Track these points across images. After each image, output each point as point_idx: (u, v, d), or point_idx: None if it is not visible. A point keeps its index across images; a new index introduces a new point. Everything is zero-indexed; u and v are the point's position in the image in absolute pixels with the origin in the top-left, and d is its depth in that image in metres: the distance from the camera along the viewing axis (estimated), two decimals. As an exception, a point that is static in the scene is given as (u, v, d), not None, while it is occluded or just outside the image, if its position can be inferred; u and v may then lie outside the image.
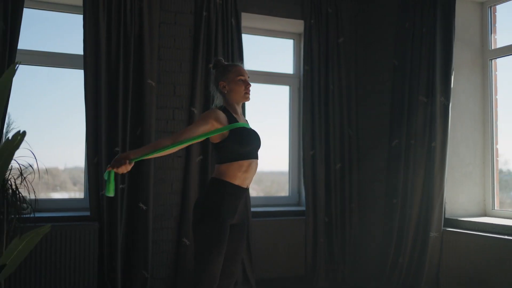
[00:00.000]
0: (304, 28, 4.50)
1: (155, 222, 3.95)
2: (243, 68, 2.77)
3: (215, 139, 2.62)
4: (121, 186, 3.78)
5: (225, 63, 2.80)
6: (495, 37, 4.03)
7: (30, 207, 2.47)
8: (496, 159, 3.95)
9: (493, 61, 3.99)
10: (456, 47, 3.84)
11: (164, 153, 2.53)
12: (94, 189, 3.77)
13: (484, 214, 3.90)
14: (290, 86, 4.83)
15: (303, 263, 4.38)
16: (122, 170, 2.34)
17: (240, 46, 4.23)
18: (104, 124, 3.77)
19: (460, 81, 3.92)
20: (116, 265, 3.71)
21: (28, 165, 2.34)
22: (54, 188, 4.21)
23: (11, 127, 3.41)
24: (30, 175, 2.67)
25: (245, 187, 2.67)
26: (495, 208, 3.87)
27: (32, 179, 2.45)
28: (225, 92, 2.74)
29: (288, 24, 4.62)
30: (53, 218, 3.63)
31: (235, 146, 2.59)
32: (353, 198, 4.55)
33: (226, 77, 2.72)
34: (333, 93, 4.53)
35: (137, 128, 3.89)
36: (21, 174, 2.45)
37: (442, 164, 3.65)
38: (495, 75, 4.01)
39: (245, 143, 2.60)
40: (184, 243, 3.95)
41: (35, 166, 3.00)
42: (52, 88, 4.20)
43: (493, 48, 3.97)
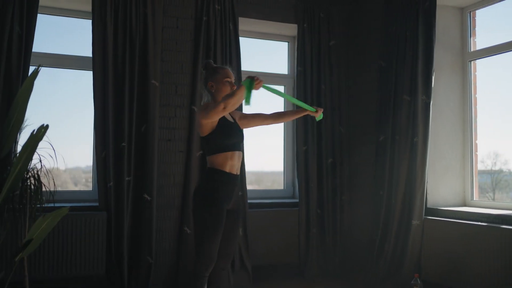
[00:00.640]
0: (298, 32, 4.80)
1: (159, 212, 4.25)
2: (230, 71, 3.08)
3: (205, 132, 2.92)
4: (127, 179, 4.08)
5: (214, 65, 3.11)
6: (475, 40, 4.33)
7: (51, 195, 2.76)
8: (475, 154, 4.25)
9: (473, 63, 4.30)
10: (438, 50, 4.15)
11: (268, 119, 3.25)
12: (102, 181, 4.06)
13: (464, 204, 4.20)
14: (285, 86, 5.13)
15: (297, 251, 4.68)
16: (260, 84, 2.74)
17: (238, 49, 4.53)
18: (111, 121, 4.07)
19: (442, 81, 4.22)
20: (123, 251, 4.01)
21: (49, 156, 2.64)
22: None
23: (25, 124, 3.72)
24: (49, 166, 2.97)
25: (235, 174, 2.98)
26: (474, 199, 4.17)
27: (51, 169, 2.75)
28: (213, 91, 3.05)
29: (283, 28, 4.92)
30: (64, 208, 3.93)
31: (220, 139, 2.91)
32: (344, 191, 4.85)
33: (215, 78, 3.03)
34: (325, 93, 4.84)
35: (142, 125, 4.19)
36: (41, 164, 2.74)
37: (424, 158, 3.96)
38: (475, 76, 4.31)
39: (228, 136, 2.93)
40: (186, 232, 4.25)
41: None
42: (53, 89, 4.49)
43: (472, 50, 4.27)
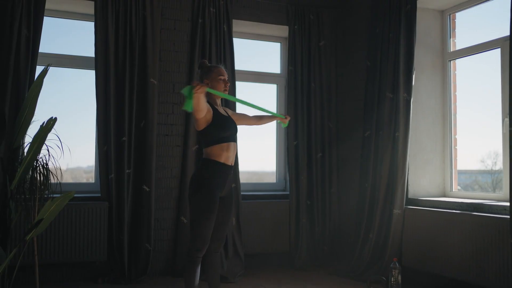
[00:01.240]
0: (289, 33, 5.07)
1: (157, 203, 4.53)
2: (223, 69, 3.35)
3: (201, 126, 3.19)
4: (127, 171, 4.35)
5: (209, 65, 3.38)
6: (455, 41, 4.60)
7: (58, 184, 3.03)
8: (455, 148, 4.52)
9: (452, 62, 4.57)
10: (419, 50, 4.43)
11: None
12: (104, 173, 4.33)
13: (444, 195, 4.47)
14: (277, 85, 5.40)
15: (287, 240, 4.95)
16: (201, 90, 2.77)
17: (231, 49, 4.80)
18: (113, 117, 4.34)
19: (423, 80, 4.49)
20: (123, 239, 4.28)
21: (56, 146, 2.90)
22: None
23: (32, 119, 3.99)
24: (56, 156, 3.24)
25: (230, 164, 3.24)
26: (453, 190, 4.45)
27: (58, 158, 3.02)
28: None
29: (275, 29, 5.19)
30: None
31: (216, 132, 3.17)
32: (332, 183, 5.13)
33: (209, 76, 3.30)
34: (315, 91, 5.11)
35: (141, 121, 4.47)
36: (49, 155, 3.01)
37: (404, 151, 4.23)
38: (454, 74, 4.58)
39: (224, 129, 3.19)
40: (182, 221, 4.53)
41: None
42: (57, 88, 4.76)
43: (452, 51, 4.54)
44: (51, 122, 2.66)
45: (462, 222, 3.68)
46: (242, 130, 4.12)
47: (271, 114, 3.61)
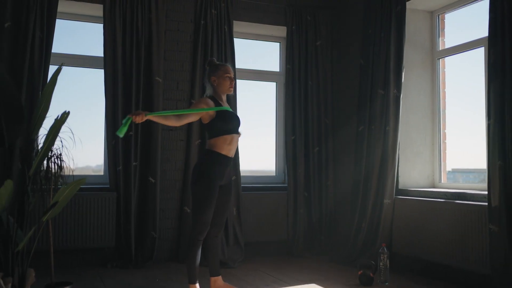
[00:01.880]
0: (287, 33, 5.34)
1: (162, 193, 4.81)
2: (230, 68, 3.62)
3: (205, 120, 3.47)
4: (134, 163, 4.64)
5: (217, 63, 3.64)
6: (444, 40, 4.85)
7: (71, 171, 3.31)
8: (444, 141, 4.77)
9: (441, 60, 4.81)
10: (409, 49, 4.68)
11: (168, 122, 3.26)
12: (113, 166, 4.62)
13: (433, 186, 4.73)
14: (277, 82, 5.66)
15: (285, 230, 5.22)
16: (137, 120, 3.04)
17: (232, 49, 5.07)
18: (121, 113, 4.62)
19: (413, 77, 4.74)
20: (130, 227, 4.57)
21: (69, 138, 3.19)
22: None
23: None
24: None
25: (230, 156, 3.52)
26: (442, 182, 4.70)
27: (71, 148, 3.31)
28: (215, 85, 3.59)
29: (274, 30, 5.46)
30: (80, 188, 4.48)
31: (220, 124, 3.44)
32: (328, 176, 5.39)
33: (217, 74, 3.57)
34: (312, 88, 5.37)
35: (147, 116, 4.75)
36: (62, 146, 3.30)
37: (394, 144, 4.49)
38: (444, 72, 4.83)
39: (228, 122, 3.46)
40: (186, 211, 4.80)
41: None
42: (68, 86, 5.06)
43: (441, 49, 4.79)
44: (65, 115, 2.95)
45: (447, 210, 3.93)
46: (246, 130, 4.41)
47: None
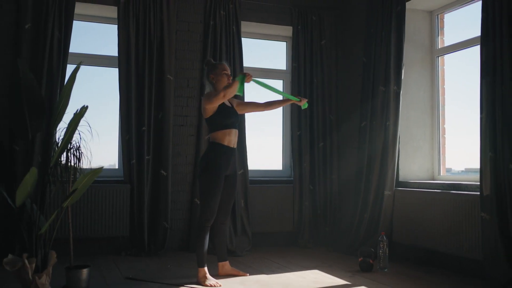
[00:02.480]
0: (293, 33, 5.57)
1: (173, 186, 5.06)
2: (226, 65, 3.89)
3: (207, 115, 3.72)
4: (147, 157, 4.89)
5: (214, 62, 3.91)
6: (443, 39, 5.04)
7: (88, 162, 3.57)
8: (443, 136, 4.96)
9: (440, 58, 5.00)
10: (409, 47, 4.88)
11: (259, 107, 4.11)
12: (126, 159, 4.87)
13: (432, 179, 4.92)
14: (284, 80, 5.89)
15: (291, 221, 5.45)
16: (250, 78, 3.69)
17: (240, 48, 5.31)
18: (134, 109, 4.88)
19: (413, 74, 4.94)
20: (143, 218, 4.82)
21: (87, 131, 3.45)
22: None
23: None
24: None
25: (232, 147, 3.76)
26: (440, 175, 4.89)
27: (88, 141, 3.57)
28: (214, 82, 3.84)
29: (280, 30, 5.69)
30: (96, 181, 4.75)
31: (220, 119, 3.70)
32: (333, 170, 5.61)
33: (215, 72, 3.82)
34: (317, 86, 5.59)
35: (159, 113, 5.00)
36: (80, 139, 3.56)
37: (394, 139, 4.69)
38: (443, 69, 5.02)
39: (226, 117, 3.72)
40: (196, 203, 5.04)
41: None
42: (84, 84, 5.34)
43: (440, 47, 4.98)
44: (84, 109, 3.20)
45: (443, 200, 4.13)
46: (253, 130, 4.62)
47: (286, 98, 4.12)
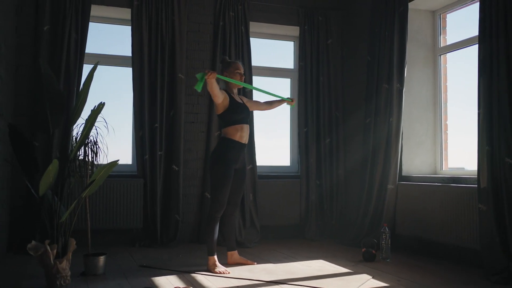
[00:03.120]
0: (300, 32, 5.76)
1: (185, 180, 5.27)
2: (240, 65, 4.07)
3: (219, 111, 3.92)
4: (159, 153, 5.10)
5: (228, 60, 4.10)
6: (445, 38, 5.20)
7: (105, 157, 3.81)
8: (445, 132, 5.12)
9: (443, 56, 5.16)
10: (412, 46, 5.04)
11: (215, 97, 3.80)
12: (140, 155, 5.09)
13: (434, 173, 5.08)
14: (291, 79, 6.08)
15: (298, 215, 5.64)
16: (212, 75, 3.55)
17: (249, 48, 5.50)
18: (147, 107, 5.10)
19: (416, 72, 5.10)
20: (156, 210, 5.03)
21: (103, 127, 3.67)
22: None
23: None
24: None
25: (243, 142, 3.95)
26: (443, 169, 5.05)
27: (105, 135, 3.80)
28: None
29: (287, 30, 5.87)
30: (111, 175, 4.98)
31: (232, 115, 3.89)
32: (339, 165, 5.78)
33: (228, 70, 4.02)
34: (323, 84, 5.77)
35: (171, 110, 5.21)
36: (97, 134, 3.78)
37: (397, 134, 4.86)
38: (445, 67, 5.18)
39: (238, 113, 3.91)
40: (206, 196, 5.25)
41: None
42: (99, 83, 5.56)
43: (442, 46, 5.14)
44: (101, 106, 3.42)
45: (443, 193, 4.29)
46: (262, 128, 4.80)
47: (280, 98, 4.32)
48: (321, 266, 4.07)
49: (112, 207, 4.94)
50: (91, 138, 3.72)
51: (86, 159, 3.67)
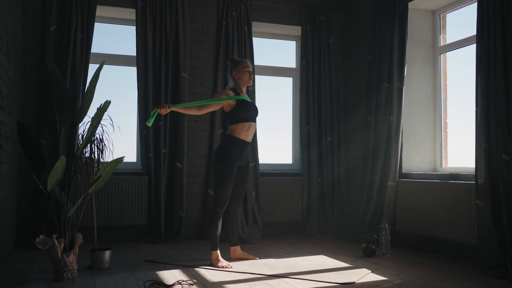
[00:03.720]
0: (301, 32, 5.84)
1: (188, 178, 5.36)
2: (249, 63, 4.16)
3: (227, 109, 4.00)
4: (163, 151, 5.19)
5: (237, 59, 4.18)
6: (445, 37, 5.27)
7: (111, 154, 3.91)
8: (445, 130, 5.19)
9: (442, 55, 5.24)
10: (412, 45, 5.12)
11: (190, 111, 3.86)
12: (144, 153, 5.19)
13: (434, 171, 5.15)
14: (293, 78, 6.16)
15: (300, 212, 5.73)
16: (162, 111, 3.67)
17: (251, 48, 5.58)
18: (151, 106, 5.19)
19: (416, 71, 5.18)
20: (160, 207, 5.13)
21: (109, 124, 3.77)
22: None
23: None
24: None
25: (247, 141, 4.03)
26: (442, 167, 5.12)
27: (110, 133, 3.90)
28: (236, 78, 4.12)
29: (289, 29, 5.96)
30: (116, 173, 5.07)
31: (240, 113, 3.97)
32: (341, 163, 5.87)
33: (237, 68, 4.10)
34: (324, 83, 5.85)
35: (175, 109, 5.30)
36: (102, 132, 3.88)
37: (397, 132, 4.94)
38: (445, 66, 5.25)
39: (246, 111, 3.99)
40: (209, 194, 5.34)
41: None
42: (104, 82, 5.66)
43: (441, 45, 5.21)
44: (107, 104, 3.51)
45: (442, 190, 4.37)
46: (264, 122, 4.88)
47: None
48: (322, 261, 4.16)
49: (117, 204, 5.03)
50: (97, 136, 3.81)
51: (92, 156, 3.76)
